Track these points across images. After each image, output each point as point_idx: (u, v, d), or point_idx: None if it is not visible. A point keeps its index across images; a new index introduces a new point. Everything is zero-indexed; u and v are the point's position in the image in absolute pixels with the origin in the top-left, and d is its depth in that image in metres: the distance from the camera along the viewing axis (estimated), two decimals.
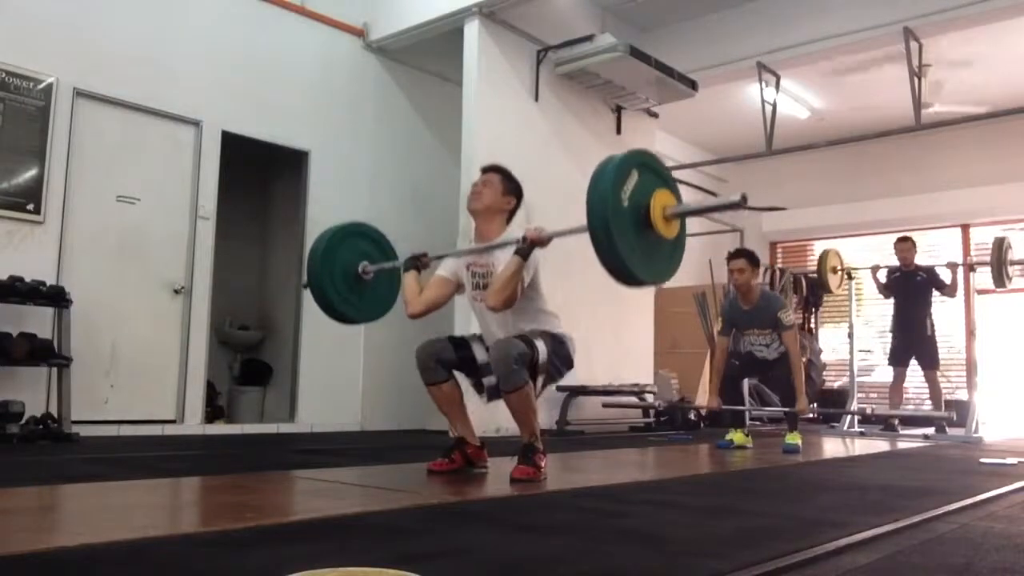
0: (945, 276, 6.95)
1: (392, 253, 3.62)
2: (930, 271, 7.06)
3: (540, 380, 3.05)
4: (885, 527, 2.14)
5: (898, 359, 7.13)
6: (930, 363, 6.95)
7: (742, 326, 5.05)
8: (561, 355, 3.12)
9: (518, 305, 3.04)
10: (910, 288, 7.05)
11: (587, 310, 6.74)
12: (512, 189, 3.26)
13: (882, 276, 7.28)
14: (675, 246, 2.67)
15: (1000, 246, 6.53)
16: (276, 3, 6.17)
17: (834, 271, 7.54)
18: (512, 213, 3.27)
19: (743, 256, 4.96)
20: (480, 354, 3.15)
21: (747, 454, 4.79)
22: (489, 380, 3.07)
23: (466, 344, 3.21)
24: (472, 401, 3.32)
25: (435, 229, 6.68)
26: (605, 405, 6.66)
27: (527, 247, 2.92)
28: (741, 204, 2.44)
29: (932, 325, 6.99)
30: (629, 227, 2.46)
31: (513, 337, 3.00)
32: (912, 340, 6.98)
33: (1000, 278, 6.51)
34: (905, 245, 7.08)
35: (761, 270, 5.63)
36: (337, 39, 6.54)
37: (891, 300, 7.27)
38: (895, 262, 7.21)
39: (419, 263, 3.32)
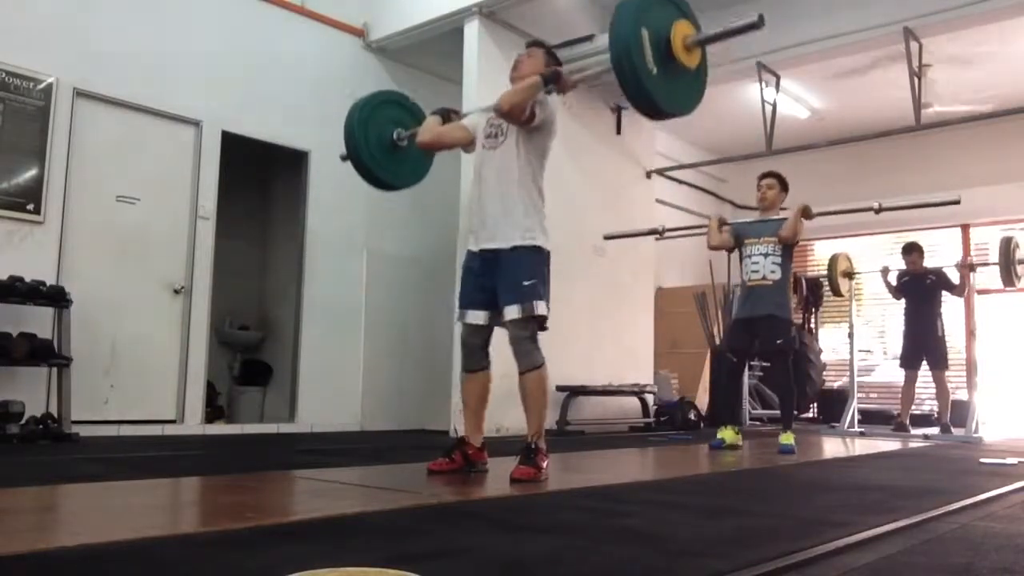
0: (955, 277, 6.98)
1: (422, 116, 3.69)
2: (940, 273, 7.09)
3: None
4: (885, 527, 2.14)
5: (909, 362, 7.15)
6: (938, 363, 6.98)
7: (750, 235, 5.04)
8: (548, 288, 3.22)
9: (523, 169, 3.14)
10: (921, 290, 7.10)
11: (588, 310, 6.75)
12: (553, 63, 3.31)
13: (892, 279, 7.30)
14: (697, 76, 2.77)
15: (1008, 245, 6.54)
16: (276, 3, 6.17)
17: (844, 275, 7.55)
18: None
19: (775, 176, 5.14)
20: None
21: (746, 454, 4.78)
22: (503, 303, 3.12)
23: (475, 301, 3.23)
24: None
25: (435, 229, 6.69)
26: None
27: (550, 72, 3.06)
28: (759, 25, 2.53)
29: (942, 326, 7.02)
30: (652, 59, 2.56)
31: (519, 320, 3.06)
32: (922, 342, 7.02)
33: (1009, 277, 6.52)
34: (912, 256, 7.16)
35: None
36: (337, 39, 6.55)
37: (900, 300, 7.30)
38: (902, 263, 7.25)
39: (447, 112, 3.43)
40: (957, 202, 5.02)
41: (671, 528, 2.15)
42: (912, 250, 7.19)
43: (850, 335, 7.44)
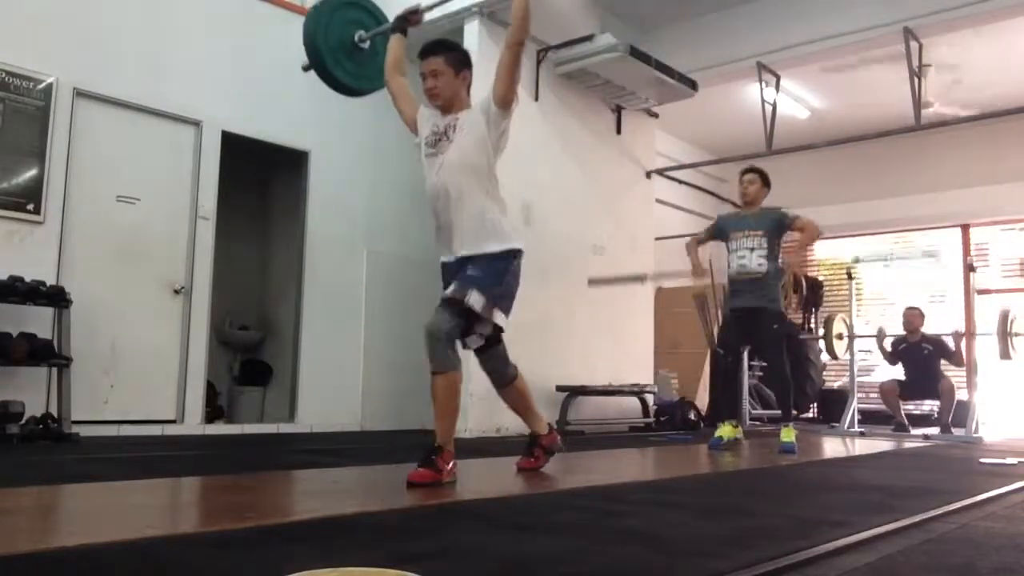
0: (951, 344, 7.00)
1: (383, 17, 3.64)
2: (936, 342, 7.12)
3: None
4: (885, 527, 2.14)
5: (904, 389, 7.24)
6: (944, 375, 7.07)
7: (734, 228, 5.00)
8: (511, 294, 2.99)
9: (480, 170, 2.97)
10: (918, 360, 7.14)
11: (588, 310, 6.75)
12: (460, 61, 3.08)
13: (887, 344, 7.33)
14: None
15: (1005, 319, 6.55)
16: (276, 3, 6.17)
17: (840, 337, 7.56)
18: (470, 85, 3.14)
19: (757, 171, 5.05)
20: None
21: (746, 454, 4.78)
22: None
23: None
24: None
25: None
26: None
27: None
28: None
29: (948, 380, 7.05)
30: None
31: (448, 300, 2.86)
32: (924, 393, 7.20)
33: (1006, 350, 6.52)
34: (913, 312, 7.24)
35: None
36: None
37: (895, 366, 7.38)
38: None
39: (407, 22, 3.31)
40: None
41: (671, 528, 2.14)
42: (911, 310, 7.28)
43: (850, 335, 7.44)
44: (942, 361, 7.08)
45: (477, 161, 2.99)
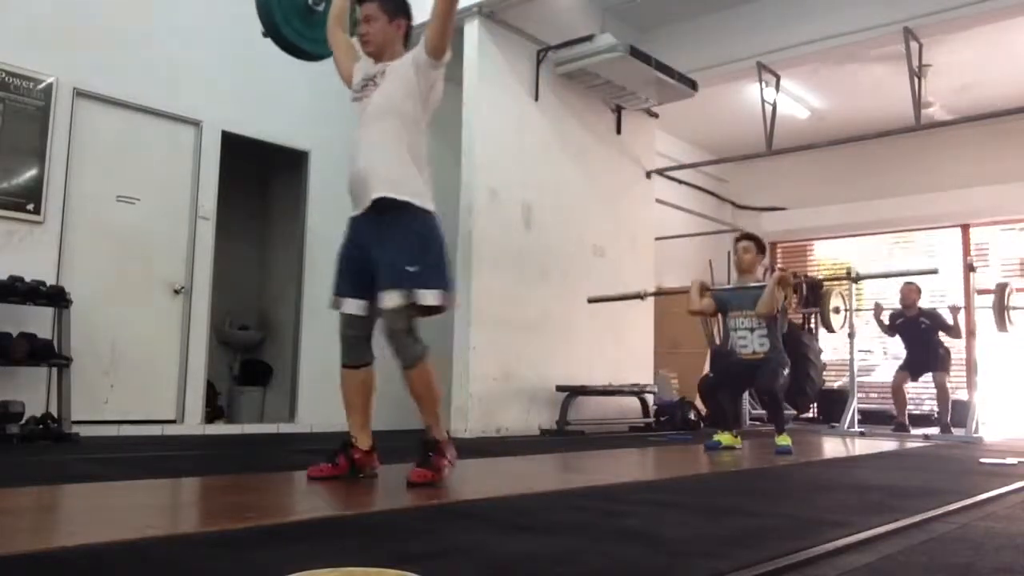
0: (948, 319, 7.05)
1: None
2: (933, 315, 7.17)
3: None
4: (885, 527, 2.14)
5: (909, 369, 7.26)
6: (941, 367, 7.08)
7: (733, 308, 4.99)
8: (447, 263, 2.86)
9: (406, 117, 2.86)
10: (916, 334, 7.19)
11: (588, 310, 6.75)
12: (396, 8, 2.99)
13: (885, 318, 7.39)
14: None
15: (1003, 292, 6.58)
16: None
17: (836, 311, 7.57)
18: (407, 35, 3.03)
19: (752, 239, 5.09)
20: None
21: (747, 455, 4.78)
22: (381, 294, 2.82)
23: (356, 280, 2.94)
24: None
25: None
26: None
27: None
28: None
29: (946, 349, 7.11)
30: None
31: (396, 309, 2.79)
32: (925, 365, 7.19)
33: (1002, 322, 6.57)
34: (909, 287, 7.27)
35: (762, 270, 5.62)
36: None
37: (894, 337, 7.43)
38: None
39: None
40: (935, 271, 5.11)
41: (671, 528, 2.14)
42: (907, 285, 7.31)
43: (850, 335, 7.44)
44: (940, 334, 7.12)
45: (402, 107, 2.87)
